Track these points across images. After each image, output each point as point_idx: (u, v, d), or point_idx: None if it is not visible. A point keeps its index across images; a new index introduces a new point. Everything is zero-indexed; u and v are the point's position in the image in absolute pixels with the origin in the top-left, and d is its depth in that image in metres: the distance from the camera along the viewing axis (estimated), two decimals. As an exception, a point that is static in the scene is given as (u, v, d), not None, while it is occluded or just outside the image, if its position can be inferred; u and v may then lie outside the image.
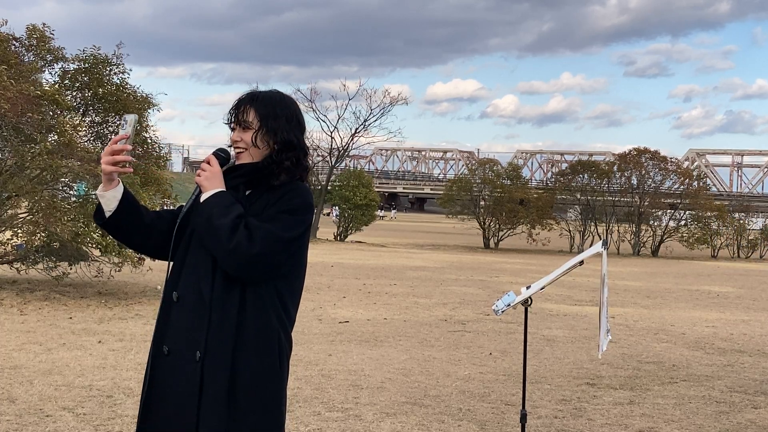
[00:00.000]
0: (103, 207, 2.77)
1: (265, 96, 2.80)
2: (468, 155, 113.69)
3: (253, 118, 2.75)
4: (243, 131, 2.76)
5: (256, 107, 2.76)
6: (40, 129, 11.68)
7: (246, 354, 2.65)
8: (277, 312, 2.71)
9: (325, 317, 10.93)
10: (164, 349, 2.70)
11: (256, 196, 2.74)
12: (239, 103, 2.78)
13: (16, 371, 6.99)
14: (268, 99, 2.79)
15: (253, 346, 2.66)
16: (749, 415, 6.50)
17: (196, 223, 2.72)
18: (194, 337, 2.65)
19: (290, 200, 2.69)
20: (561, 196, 36.99)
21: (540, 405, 6.57)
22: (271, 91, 2.84)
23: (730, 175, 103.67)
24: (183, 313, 2.69)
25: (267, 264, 2.63)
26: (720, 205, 35.77)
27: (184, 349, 2.66)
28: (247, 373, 2.64)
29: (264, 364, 2.67)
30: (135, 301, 11.68)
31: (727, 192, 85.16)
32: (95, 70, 13.17)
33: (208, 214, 2.66)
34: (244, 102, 2.78)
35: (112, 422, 5.59)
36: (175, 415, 2.65)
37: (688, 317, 12.70)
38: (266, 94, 2.82)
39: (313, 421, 5.83)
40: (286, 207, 2.68)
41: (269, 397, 2.68)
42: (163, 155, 14.78)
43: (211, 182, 2.71)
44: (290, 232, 2.67)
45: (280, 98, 2.82)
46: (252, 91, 2.82)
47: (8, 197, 12.14)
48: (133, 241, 2.90)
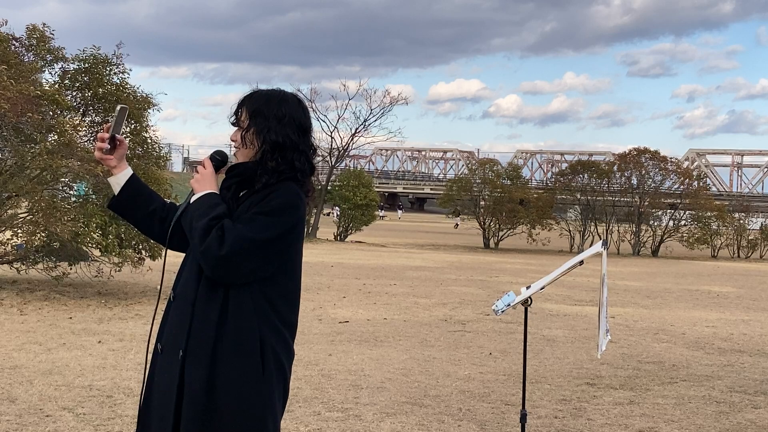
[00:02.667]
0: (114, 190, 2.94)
1: (259, 95, 2.79)
2: (468, 155, 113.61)
3: (245, 117, 2.76)
4: (238, 130, 2.79)
5: (248, 106, 2.76)
6: (40, 129, 11.69)
7: (225, 355, 2.64)
8: (263, 315, 2.68)
9: (325, 317, 10.93)
10: (158, 347, 2.77)
11: (246, 196, 2.74)
12: (239, 102, 2.81)
13: (16, 371, 6.99)
14: (261, 98, 2.77)
15: (232, 347, 2.65)
16: (749, 415, 6.50)
17: (183, 225, 2.78)
18: (179, 336, 2.69)
19: (269, 201, 2.66)
20: (561, 196, 37.00)
21: (540, 405, 6.57)
22: (270, 90, 2.82)
23: (730, 175, 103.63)
24: (175, 311, 2.74)
25: (237, 266, 2.60)
26: (720, 205, 35.77)
27: (172, 347, 2.71)
28: (225, 375, 2.63)
29: (244, 365, 2.64)
30: (135, 301, 11.68)
31: (727, 192, 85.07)
32: (95, 70, 13.16)
33: (191, 215, 2.72)
34: (241, 100, 2.81)
35: (112, 422, 5.59)
36: (160, 413, 2.69)
37: (688, 317, 12.70)
38: (262, 93, 2.80)
39: (313, 421, 5.83)
40: (263, 208, 2.65)
41: (250, 400, 2.65)
42: (163, 155, 14.78)
43: (201, 184, 2.77)
44: (263, 234, 2.61)
45: (276, 97, 2.77)
46: (253, 90, 2.83)
47: (8, 197, 12.14)
48: (139, 226, 3.04)
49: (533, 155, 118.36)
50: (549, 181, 57.87)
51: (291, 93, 2.84)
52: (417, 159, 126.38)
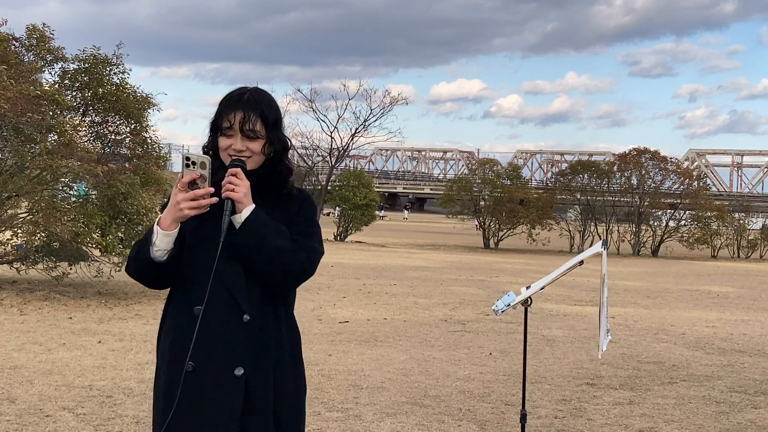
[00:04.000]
0: (157, 245, 2.60)
1: (270, 102, 2.71)
2: (468, 155, 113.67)
3: (260, 128, 2.65)
4: (249, 141, 2.65)
5: (262, 116, 2.66)
6: (40, 129, 11.68)
7: (285, 368, 2.65)
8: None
9: (325, 317, 10.93)
10: (188, 366, 2.56)
11: (266, 204, 2.66)
12: (246, 114, 2.63)
13: (16, 371, 6.99)
14: (270, 105, 2.71)
15: (290, 359, 2.68)
16: (749, 415, 6.50)
17: (242, 242, 2.58)
18: (232, 353, 2.57)
19: (310, 211, 2.75)
20: (561, 196, 37.00)
21: (540, 405, 6.57)
22: (266, 94, 2.74)
23: (730, 175, 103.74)
24: (211, 328, 2.56)
25: (307, 278, 2.70)
26: (720, 205, 35.77)
27: (217, 365, 2.56)
28: (287, 388, 2.65)
29: (299, 377, 2.72)
30: (135, 301, 11.68)
31: (727, 192, 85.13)
32: (95, 70, 13.16)
33: (261, 233, 2.57)
34: (251, 112, 2.64)
35: (112, 422, 5.59)
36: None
37: (688, 317, 12.70)
38: (265, 98, 2.72)
39: (313, 421, 5.83)
40: (312, 219, 2.75)
41: (303, 409, 2.73)
42: (163, 155, 14.78)
43: (248, 197, 2.60)
44: (322, 245, 2.76)
45: (274, 100, 2.74)
46: (251, 98, 2.68)
47: (8, 197, 12.14)
48: (159, 284, 2.73)
49: (533, 155, 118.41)
50: (549, 181, 57.88)
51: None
52: (417, 159, 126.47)
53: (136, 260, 2.67)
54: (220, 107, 2.69)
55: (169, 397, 2.57)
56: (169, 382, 2.59)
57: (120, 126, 13.55)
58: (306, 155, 37.29)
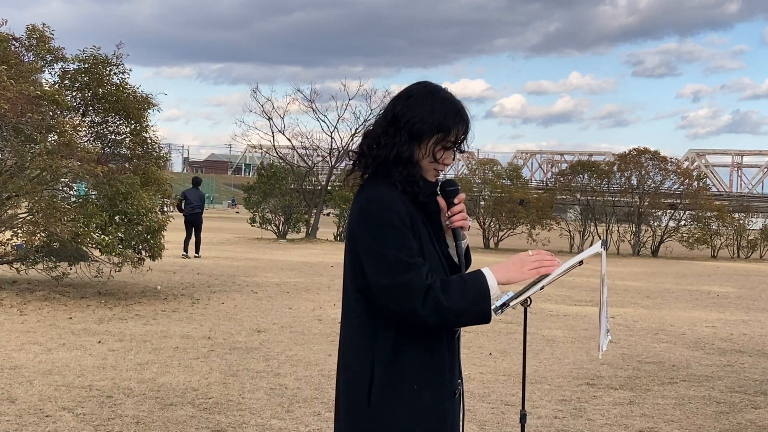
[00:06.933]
0: (493, 299, 2.59)
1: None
2: (468, 155, 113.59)
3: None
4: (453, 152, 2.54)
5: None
6: (40, 129, 11.68)
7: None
8: None
9: (325, 317, 10.92)
10: (459, 389, 2.66)
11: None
12: (468, 131, 2.52)
13: (16, 371, 7.00)
14: None
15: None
16: (749, 415, 6.50)
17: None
18: (458, 375, 2.68)
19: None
20: (561, 196, 37.00)
21: (540, 405, 6.57)
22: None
23: (730, 175, 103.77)
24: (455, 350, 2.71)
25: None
26: (720, 205, 35.74)
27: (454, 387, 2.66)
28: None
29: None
30: (135, 302, 11.68)
31: (727, 192, 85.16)
32: (95, 70, 13.16)
33: (468, 264, 2.65)
34: (469, 128, 2.52)
35: (112, 422, 5.59)
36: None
37: (688, 317, 12.70)
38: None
39: (313, 421, 5.83)
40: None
41: None
42: (163, 155, 14.77)
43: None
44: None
45: None
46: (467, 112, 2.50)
47: (8, 197, 12.13)
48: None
49: (533, 155, 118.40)
50: (549, 181, 57.88)
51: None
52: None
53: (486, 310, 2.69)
54: (446, 116, 2.43)
55: (441, 421, 2.54)
56: (435, 406, 2.52)
57: (120, 126, 13.54)
58: (306, 155, 37.31)
